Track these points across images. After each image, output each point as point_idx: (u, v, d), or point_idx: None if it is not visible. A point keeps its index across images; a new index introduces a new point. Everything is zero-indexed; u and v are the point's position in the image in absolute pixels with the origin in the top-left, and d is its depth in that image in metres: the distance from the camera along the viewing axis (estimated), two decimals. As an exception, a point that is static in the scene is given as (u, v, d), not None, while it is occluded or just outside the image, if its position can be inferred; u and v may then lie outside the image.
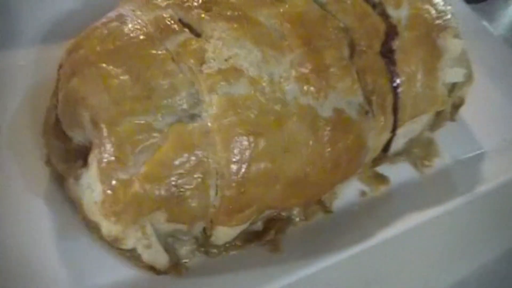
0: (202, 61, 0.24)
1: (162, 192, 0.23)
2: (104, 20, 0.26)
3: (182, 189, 0.23)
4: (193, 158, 0.23)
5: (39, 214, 0.27)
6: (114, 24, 0.25)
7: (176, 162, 0.23)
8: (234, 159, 0.23)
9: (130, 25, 0.25)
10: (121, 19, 0.26)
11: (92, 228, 0.25)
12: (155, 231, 0.24)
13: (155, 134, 0.23)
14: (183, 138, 0.23)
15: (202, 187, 0.23)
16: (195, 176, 0.23)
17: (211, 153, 0.23)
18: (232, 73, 0.24)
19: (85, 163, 0.24)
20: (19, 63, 0.33)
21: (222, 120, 0.23)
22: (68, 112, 0.25)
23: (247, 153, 0.24)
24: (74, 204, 0.26)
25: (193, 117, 0.23)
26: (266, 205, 0.26)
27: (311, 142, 0.26)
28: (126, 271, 0.25)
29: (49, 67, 0.31)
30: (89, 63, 0.24)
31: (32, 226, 0.26)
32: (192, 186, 0.23)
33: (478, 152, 0.38)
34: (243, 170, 0.24)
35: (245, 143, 0.24)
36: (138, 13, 0.25)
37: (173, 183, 0.23)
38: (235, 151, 0.23)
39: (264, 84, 0.25)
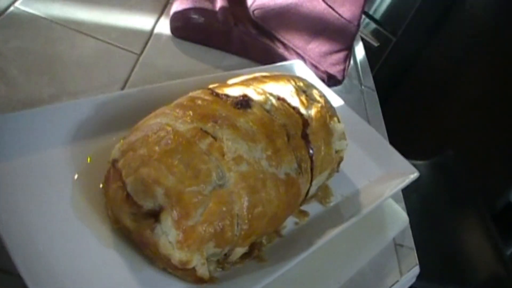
0: (222, 154, 0.46)
1: (212, 230, 0.44)
2: (152, 130, 0.47)
3: (222, 227, 0.44)
4: (225, 209, 0.45)
5: (111, 257, 0.45)
6: (162, 133, 0.46)
7: (218, 213, 0.44)
8: (245, 207, 0.46)
9: (173, 134, 0.46)
10: (165, 129, 0.46)
11: (160, 261, 0.45)
12: (205, 255, 0.44)
13: (204, 198, 0.44)
14: (220, 198, 0.45)
15: (231, 224, 0.45)
16: (228, 218, 0.45)
17: (234, 205, 0.45)
18: (239, 159, 0.47)
19: (155, 220, 0.44)
20: (59, 158, 0.51)
21: (238, 186, 0.46)
22: (142, 189, 0.44)
23: (252, 202, 0.46)
24: (141, 248, 0.45)
25: (221, 186, 0.45)
26: (259, 233, 0.48)
27: (277, 194, 0.50)
28: (178, 284, 0.45)
29: (81, 159, 0.51)
30: (152, 158, 0.45)
31: (109, 262, 0.45)
32: (227, 225, 0.45)
33: (355, 190, 0.66)
34: (250, 212, 0.46)
35: (251, 197, 0.46)
36: (177, 125, 0.47)
37: (218, 224, 0.44)
38: (246, 202, 0.46)
39: (253, 163, 0.48)
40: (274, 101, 0.55)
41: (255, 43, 0.83)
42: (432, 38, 1.82)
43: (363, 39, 1.80)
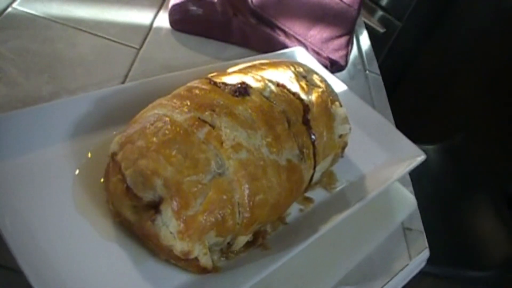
0: (221, 142, 0.46)
1: (213, 219, 0.43)
2: (149, 121, 0.46)
3: (223, 216, 0.44)
4: (225, 197, 0.44)
5: (113, 250, 0.45)
6: (159, 124, 0.46)
7: (219, 202, 0.44)
8: (246, 194, 0.45)
9: (171, 124, 0.46)
10: (163, 120, 0.46)
11: (162, 252, 0.44)
12: (207, 244, 0.44)
13: (203, 187, 0.44)
14: (219, 187, 0.44)
15: (232, 212, 0.44)
16: (228, 207, 0.44)
17: (235, 193, 0.45)
18: (237, 147, 0.46)
19: (156, 212, 0.44)
20: (59, 154, 0.51)
21: (237, 174, 0.45)
22: (141, 181, 0.44)
23: (252, 190, 0.46)
24: (143, 240, 0.45)
25: (221, 174, 0.45)
26: (261, 220, 0.48)
27: (279, 181, 0.49)
28: (181, 275, 0.45)
29: (82, 154, 0.50)
30: (150, 149, 0.44)
31: (111, 256, 0.44)
32: (228, 213, 0.44)
33: (360, 174, 0.65)
34: (251, 200, 0.46)
35: (251, 185, 0.46)
36: (174, 115, 0.46)
37: (218, 213, 0.44)
38: (246, 190, 0.45)
39: (253, 150, 0.47)
40: (273, 87, 0.55)
41: (255, 32, 0.82)
42: (439, 20, 1.79)
43: (369, 26, 1.78)
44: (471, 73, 1.63)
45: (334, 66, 0.85)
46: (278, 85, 0.56)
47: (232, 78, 0.54)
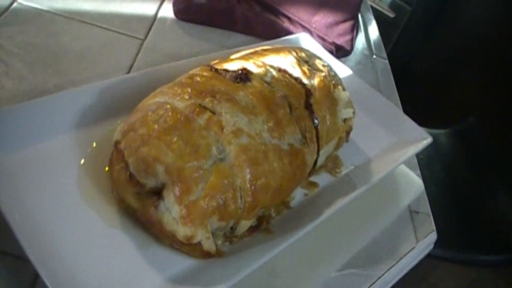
0: (221, 127, 0.46)
1: (215, 204, 0.44)
2: (150, 109, 0.47)
3: (225, 200, 0.44)
4: (226, 182, 0.45)
5: (118, 237, 0.46)
6: (160, 111, 0.46)
7: (220, 186, 0.44)
8: (248, 179, 0.46)
9: (171, 111, 0.46)
10: (164, 107, 0.46)
11: (166, 237, 0.45)
12: (210, 229, 0.45)
13: (204, 172, 0.44)
14: (221, 172, 0.44)
15: (234, 197, 0.45)
16: (230, 191, 0.45)
17: (236, 178, 0.45)
18: (238, 132, 0.46)
19: (158, 198, 0.44)
20: (65, 144, 0.52)
21: (238, 159, 0.45)
22: (143, 168, 0.44)
23: (254, 174, 0.46)
24: (147, 226, 0.46)
25: (222, 159, 0.45)
26: (264, 205, 0.48)
27: (281, 165, 0.49)
28: (185, 260, 0.46)
29: (87, 144, 0.51)
30: (151, 136, 0.45)
31: (116, 242, 0.45)
32: (229, 198, 0.44)
33: (366, 158, 0.65)
34: (253, 185, 0.46)
35: (252, 169, 0.46)
36: (175, 102, 0.47)
37: (220, 197, 0.44)
38: (248, 175, 0.46)
39: (254, 135, 0.47)
40: (274, 73, 0.55)
41: (260, 19, 0.82)
42: (450, 3, 1.76)
43: (378, 12, 1.77)
44: (481, 56, 1.61)
45: (339, 51, 0.85)
46: (279, 70, 0.56)
47: (233, 65, 0.54)
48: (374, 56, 0.94)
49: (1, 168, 0.47)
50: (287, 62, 0.57)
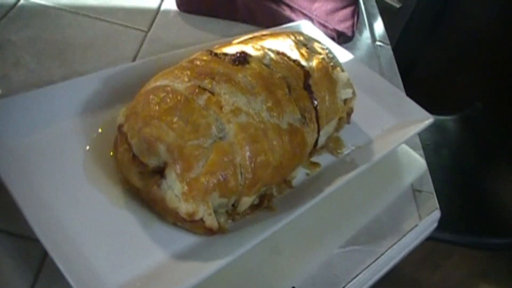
0: (220, 107, 0.47)
1: (215, 180, 0.45)
2: (152, 92, 0.48)
3: (225, 177, 0.45)
4: (226, 159, 0.46)
5: (124, 216, 0.47)
6: (162, 94, 0.48)
7: (220, 164, 0.45)
8: (248, 156, 0.47)
9: (172, 93, 0.47)
10: (165, 90, 0.48)
11: (169, 215, 0.46)
12: (211, 205, 0.46)
13: (205, 150, 0.45)
14: (221, 150, 0.46)
15: (234, 173, 0.46)
16: (230, 168, 0.46)
17: (236, 155, 0.46)
18: (237, 111, 0.47)
19: (161, 176, 0.46)
20: (72, 130, 0.53)
21: (238, 137, 0.47)
22: (145, 148, 0.46)
23: (253, 152, 0.47)
24: (151, 205, 0.47)
25: (222, 138, 0.46)
26: (264, 182, 0.49)
27: (280, 143, 0.50)
28: (189, 237, 0.47)
29: (92, 130, 0.53)
30: (152, 117, 0.46)
31: (121, 221, 0.47)
32: (230, 174, 0.46)
33: (367, 139, 0.66)
34: (252, 161, 0.47)
35: (252, 146, 0.47)
36: (175, 85, 0.48)
37: (220, 174, 0.45)
38: (247, 152, 0.47)
39: (253, 114, 0.48)
40: (273, 55, 0.56)
41: (261, 8, 0.83)
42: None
43: (385, 3, 1.76)
44: (488, 42, 1.60)
45: (341, 37, 0.85)
46: (278, 53, 0.57)
47: (232, 49, 0.55)
48: (377, 43, 0.95)
49: (11, 153, 0.48)
50: (286, 45, 0.58)
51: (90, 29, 0.73)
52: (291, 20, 0.83)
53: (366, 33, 0.97)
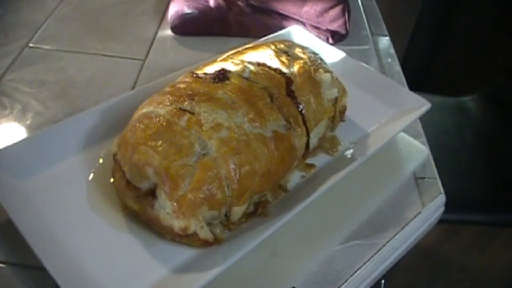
0: (201, 125, 0.50)
1: (202, 195, 0.48)
2: (138, 120, 0.52)
3: (211, 190, 0.49)
4: (211, 174, 0.49)
5: (126, 239, 0.51)
6: (146, 121, 0.52)
7: (205, 179, 0.49)
8: (232, 168, 0.50)
9: (155, 119, 0.51)
10: (149, 116, 0.52)
11: (166, 232, 0.50)
12: (203, 218, 0.49)
13: (189, 168, 0.49)
14: (205, 166, 0.49)
15: (220, 186, 0.49)
16: (215, 181, 0.49)
17: (220, 169, 0.49)
18: (217, 127, 0.51)
19: (153, 197, 0.50)
20: (74, 163, 0.58)
21: (220, 151, 0.50)
22: (136, 173, 0.50)
23: (237, 163, 0.50)
24: (150, 225, 0.51)
25: (205, 154, 0.50)
26: (253, 190, 0.52)
27: (266, 151, 0.53)
28: (188, 251, 0.50)
29: (94, 161, 0.57)
30: (139, 144, 0.50)
31: (125, 243, 0.51)
32: (216, 187, 0.49)
33: (364, 134, 0.67)
34: (237, 173, 0.50)
35: (235, 159, 0.50)
36: (158, 110, 0.52)
37: (207, 188, 0.49)
38: (231, 164, 0.50)
39: (234, 128, 0.52)
40: (252, 67, 0.59)
41: (252, 20, 0.87)
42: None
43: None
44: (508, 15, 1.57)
45: (335, 37, 0.87)
46: (258, 64, 0.60)
47: (213, 67, 0.59)
48: (374, 36, 0.96)
49: (20, 194, 0.54)
50: (265, 56, 0.61)
51: (90, 66, 0.78)
52: (283, 28, 0.86)
53: (364, 27, 0.98)
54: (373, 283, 0.56)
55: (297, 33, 0.82)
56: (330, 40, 0.87)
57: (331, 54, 0.77)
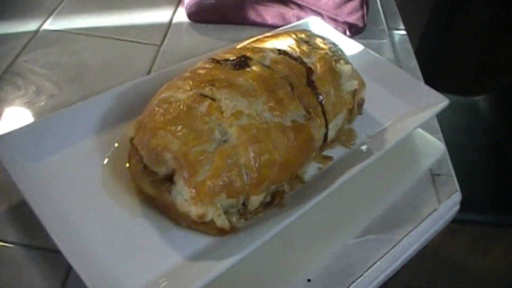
0: (221, 112, 0.50)
1: (221, 182, 0.48)
2: (157, 104, 0.51)
3: (230, 178, 0.48)
4: (230, 161, 0.48)
5: (141, 225, 0.51)
6: (166, 105, 0.51)
7: (224, 166, 0.48)
8: (252, 156, 0.49)
9: (175, 103, 0.50)
10: (168, 101, 0.51)
11: (182, 219, 0.49)
12: (220, 206, 0.48)
13: (209, 155, 0.48)
14: (224, 153, 0.48)
15: (239, 174, 0.48)
16: (235, 169, 0.48)
17: (240, 156, 0.49)
18: (238, 114, 0.50)
19: (171, 183, 0.49)
20: (89, 146, 0.57)
21: (240, 139, 0.49)
22: (154, 158, 0.49)
23: (257, 152, 0.49)
24: (165, 211, 0.50)
25: (225, 141, 0.49)
26: (271, 180, 0.51)
27: (285, 140, 0.52)
28: (203, 239, 0.50)
29: (109, 145, 0.56)
30: (158, 128, 0.49)
31: (139, 229, 0.50)
32: (235, 175, 0.48)
33: (381, 128, 0.66)
34: (257, 161, 0.49)
35: (255, 147, 0.49)
36: (178, 95, 0.51)
37: (226, 176, 0.48)
38: (251, 152, 0.49)
39: (254, 115, 0.51)
40: (273, 56, 0.58)
41: (269, 9, 0.86)
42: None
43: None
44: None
45: (352, 29, 0.86)
46: (279, 53, 0.59)
47: (233, 54, 0.58)
48: (390, 30, 0.95)
49: (34, 175, 0.53)
50: (286, 44, 0.60)
51: (105, 50, 0.77)
52: (300, 18, 0.85)
53: (381, 21, 0.97)
54: (387, 279, 0.55)
55: (315, 24, 0.81)
56: (348, 33, 0.86)
57: (350, 47, 0.76)
